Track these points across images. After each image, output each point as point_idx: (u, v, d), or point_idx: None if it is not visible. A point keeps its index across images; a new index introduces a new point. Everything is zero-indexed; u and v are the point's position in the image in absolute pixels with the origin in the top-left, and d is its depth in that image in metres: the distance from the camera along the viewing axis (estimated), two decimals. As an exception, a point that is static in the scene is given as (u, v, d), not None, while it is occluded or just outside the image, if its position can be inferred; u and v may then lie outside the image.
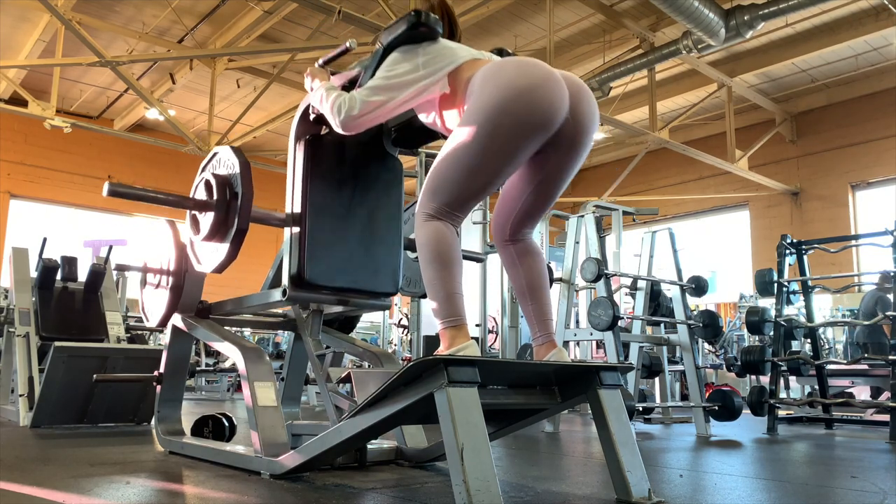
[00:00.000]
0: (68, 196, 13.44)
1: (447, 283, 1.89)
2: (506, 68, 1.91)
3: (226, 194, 2.37)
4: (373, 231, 2.53)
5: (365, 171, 2.54)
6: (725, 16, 8.43)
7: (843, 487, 2.38)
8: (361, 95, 2.06)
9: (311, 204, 2.38)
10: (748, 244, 13.33)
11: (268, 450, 2.25)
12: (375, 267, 2.52)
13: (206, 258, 2.45)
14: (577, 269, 4.60)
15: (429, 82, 2.05)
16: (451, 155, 1.92)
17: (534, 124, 1.86)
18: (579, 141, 1.98)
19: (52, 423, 3.80)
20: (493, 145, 1.86)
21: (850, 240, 6.04)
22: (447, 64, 2.06)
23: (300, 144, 2.43)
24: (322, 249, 2.38)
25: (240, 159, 2.38)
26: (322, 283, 2.38)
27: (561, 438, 3.95)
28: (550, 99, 1.86)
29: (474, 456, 1.54)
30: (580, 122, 1.96)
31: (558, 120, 1.89)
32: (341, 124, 2.08)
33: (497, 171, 1.92)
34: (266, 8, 9.11)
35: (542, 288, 2.11)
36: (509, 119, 1.84)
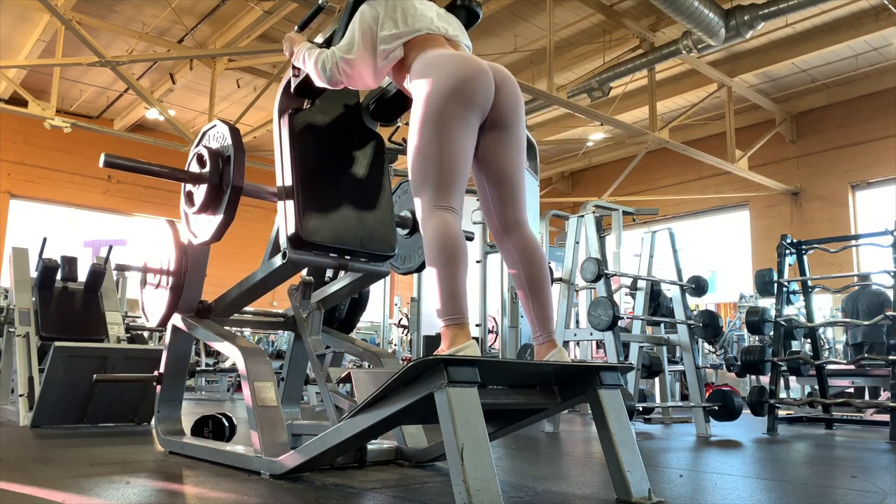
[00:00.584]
0: (68, 196, 13.44)
1: (452, 280, 1.90)
2: (445, 61, 2.07)
3: (218, 164, 2.42)
4: (362, 197, 2.59)
5: (348, 143, 2.63)
6: (725, 16, 8.43)
7: (843, 487, 2.38)
8: (339, 50, 2.19)
9: (301, 174, 2.45)
10: (748, 244, 13.34)
11: (268, 450, 2.25)
12: (369, 229, 2.57)
13: (202, 229, 2.48)
14: (577, 269, 4.60)
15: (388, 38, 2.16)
16: (415, 148, 2.04)
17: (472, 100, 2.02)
18: (509, 118, 2.12)
19: (52, 423, 3.80)
20: (444, 123, 1.99)
21: (850, 240, 6.04)
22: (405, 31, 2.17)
23: (284, 119, 2.51)
24: (316, 213, 2.44)
25: (229, 127, 2.46)
26: (319, 241, 2.42)
27: (561, 438, 3.95)
28: (484, 83, 2.04)
29: (474, 456, 1.54)
30: (505, 102, 2.11)
31: (490, 98, 2.06)
32: (327, 79, 2.23)
33: (455, 144, 2.00)
34: (266, 8, 9.10)
35: (543, 286, 2.11)
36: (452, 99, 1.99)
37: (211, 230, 2.43)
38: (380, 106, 2.66)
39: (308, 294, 2.68)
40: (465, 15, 2.43)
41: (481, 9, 2.51)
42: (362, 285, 2.82)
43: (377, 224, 2.60)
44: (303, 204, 2.41)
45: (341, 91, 2.65)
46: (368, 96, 2.70)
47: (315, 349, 2.55)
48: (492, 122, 2.10)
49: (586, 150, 14.09)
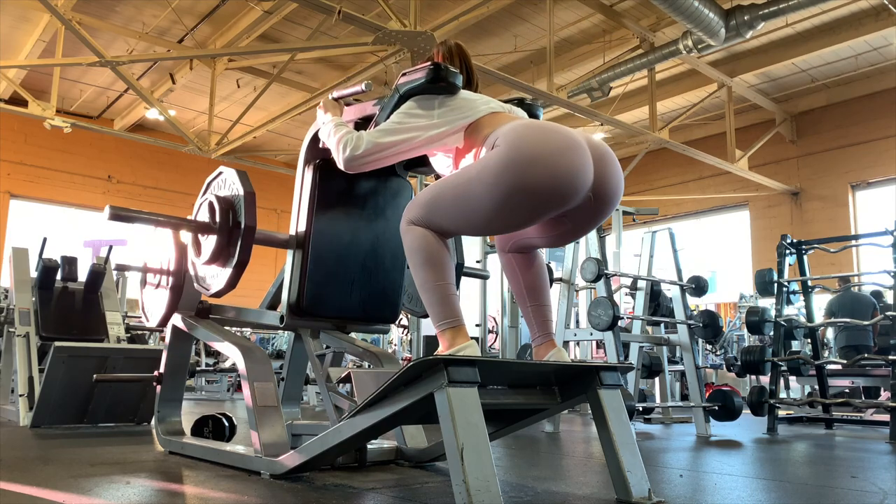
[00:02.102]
0: (68, 196, 13.44)
1: (440, 285, 1.89)
2: (530, 132, 1.83)
3: (228, 220, 2.34)
4: (377, 257, 2.53)
5: (374, 195, 2.53)
6: (725, 16, 8.42)
7: (843, 487, 2.38)
8: (371, 136, 2.02)
9: (316, 229, 2.39)
10: (748, 244, 13.33)
11: (268, 450, 2.25)
12: (376, 295, 2.53)
13: (212, 280, 2.45)
14: (577, 269, 4.60)
15: (442, 132, 2.01)
16: (462, 191, 1.85)
17: (551, 197, 1.79)
18: (601, 211, 1.94)
19: (52, 423, 3.80)
20: (503, 211, 1.81)
21: (850, 240, 6.03)
22: (464, 117, 2.01)
23: (309, 168, 2.43)
24: (322, 277, 2.39)
25: (245, 187, 2.33)
26: (319, 313, 2.41)
27: (561, 438, 3.95)
28: (571, 169, 1.79)
29: (474, 456, 1.54)
30: (604, 193, 1.90)
31: (578, 192, 1.82)
32: (345, 161, 2.05)
33: (500, 228, 1.92)
34: (266, 8, 9.10)
35: (542, 289, 2.12)
36: (525, 189, 1.77)
37: (222, 282, 2.36)
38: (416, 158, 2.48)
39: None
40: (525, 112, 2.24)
41: (542, 111, 2.31)
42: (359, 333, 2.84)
43: (386, 288, 2.54)
44: (311, 265, 2.35)
45: None
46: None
47: (315, 349, 2.55)
48: (579, 207, 1.89)
49: (586, 150, 14.05)
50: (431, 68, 2.01)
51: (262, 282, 8.87)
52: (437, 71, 2.00)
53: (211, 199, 2.38)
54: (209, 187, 2.52)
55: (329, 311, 2.41)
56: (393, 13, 7.12)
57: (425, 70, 2.02)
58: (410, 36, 7.16)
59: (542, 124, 1.89)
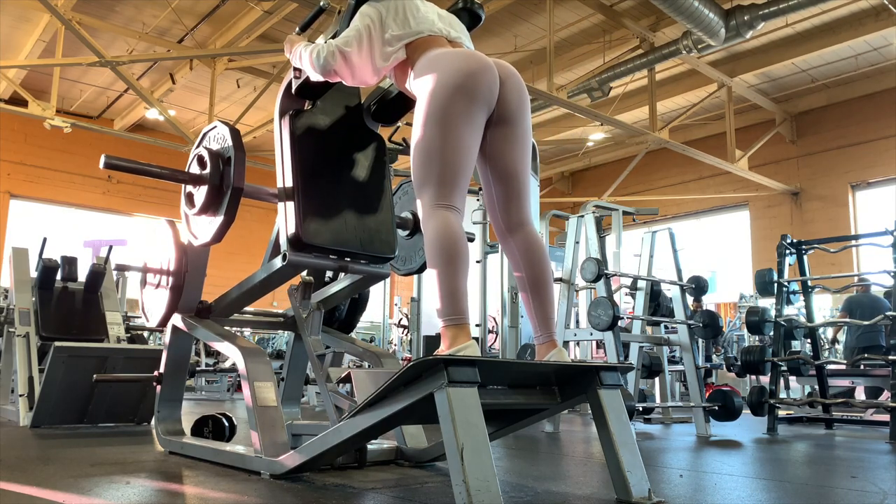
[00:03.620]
0: (68, 196, 13.44)
1: (451, 279, 1.90)
2: (449, 57, 2.07)
3: (218, 164, 2.41)
4: (363, 198, 2.59)
5: (349, 144, 2.63)
6: (725, 16, 8.43)
7: (843, 487, 2.38)
8: (335, 43, 2.21)
9: (302, 175, 2.45)
10: (748, 244, 13.34)
11: (268, 450, 2.25)
12: (370, 231, 2.57)
13: (203, 230, 2.48)
14: (577, 269, 4.60)
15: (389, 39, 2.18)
16: (418, 146, 2.03)
17: (477, 97, 2.01)
18: (514, 115, 2.12)
19: (52, 423, 3.80)
20: (448, 120, 1.99)
21: (850, 240, 6.03)
22: (406, 33, 2.19)
23: (285, 120, 2.51)
24: (317, 215, 2.44)
25: (230, 129, 2.45)
26: (320, 244, 2.42)
27: (561, 438, 3.95)
28: (488, 79, 2.04)
29: (474, 456, 1.54)
30: (510, 99, 2.10)
31: (495, 94, 2.06)
32: (320, 69, 2.23)
33: (459, 143, 2.00)
34: (266, 8, 9.11)
35: (546, 286, 2.11)
36: (457, 96, 1.99)
37: (211, 231, 2.42)
38: (381, 107, 2.66)
39: (308, 294, 2.69)
40: (468, 17, 2.44)
41: (483, 11, 2.52)
42: (363, 286, 2.82)
43: (378, 226, 2.60)
44: (303, 206, 2.41)
45: (342, 92, 2.65)
46: (370, 97, 2.70)
47: (315, 349, 2.55)
48: (497, 118, 2.10)
49: (586, 150, 14.09)
50: None
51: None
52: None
53: (202, 153, 2.45)
54: (204, 139, 2.58)
55: (328, 241, 2.44)
56: (393, 13, 7.12)
57: None
58: (410, 36, 7.15)
59: (455, 50, 2.14)
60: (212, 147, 2.49)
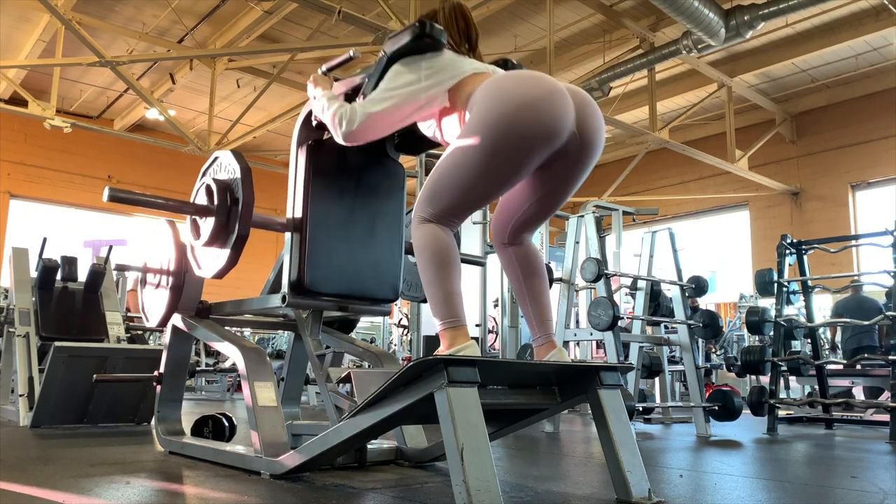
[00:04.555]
0: (68, 196, 13.44)
1: (445, 284, 1.89)
2: (508, 82, 1.88)
3: (226, 199, 2.34)
4: (374, 236, 2.52)
5: (367, 175, 2.53)
6: (725, 16, 8.43)
7: (843, 487, 2.38)
8: (363, 107, 2.04)
9: (313, 209, 2.38)
10: (748, 244, 13.33)
11: (268, 450, 2.25)
12: (376, 273, 2.52)
13: (207, 263, 2.45)
14: (577, 269, 4.60)
15: (431, 94, 2.03)
16: (452, 165, 1.90)
17: (537, 139, 1.83)
18: (585, 156, 1.96)
19: (52, 423, 3.80)
20: (495, 160, 1.84)
21: (850, 240, 6.03)
22: (449, 77, 2.03)
23: (302, 149, 2.43)
24: (322, 255, 2.38)
25: (241, 164, 2.35)
26: (321, 290, 2.39)
27: (561, 438, 3.95)
28: (555, 113, 1.83)
29: (474, 456, 1.54)
30: (586, 136, 1.93)
31: (563, 135, 1.87)
32: (343, 135, 2.07)
33: (497, 184, 1.91)
34: (266, 8, 9.10)
35: (542, 289, 2.11)
36: (513, 133, 1.81)
37: (218, 265, 2.36)
38: (406, 138, 2.54)
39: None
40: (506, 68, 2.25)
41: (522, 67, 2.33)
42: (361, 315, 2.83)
43: (384, 266, 2.54)
44: (309, 244, 2.35)
45: None
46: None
47: (315, 349, 2.55)
48: (563, 153, 1.92)
49: (586, 150, 14.06)
50: (416, 26, 2.03)
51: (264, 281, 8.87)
52: (422, 28, 2.02)
53: (208, 182, 2.39)
54: (206, 173, 2.52)
55: (330, 289, 2.40)
56: (393, 13, 7.13)
57: (409, 29, 2.04)
58: (410, 36, 7.15)
59: (520, 72, 1.95)
60: (220, 177, 2.42)
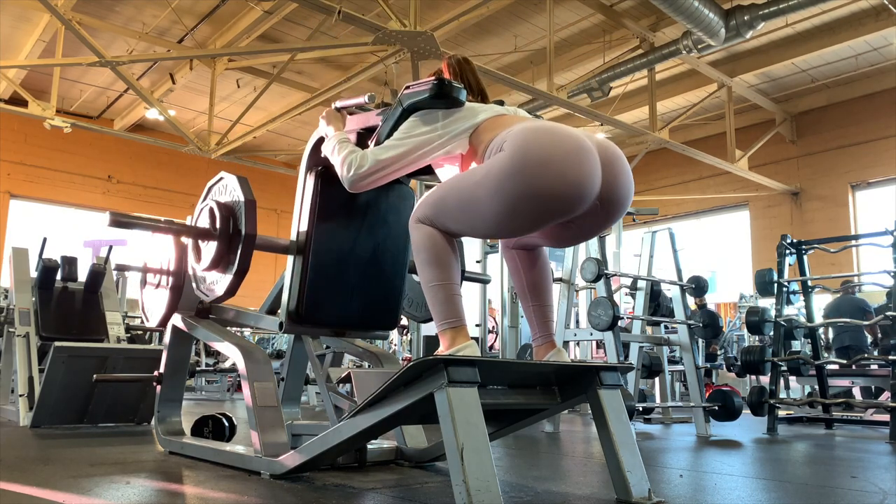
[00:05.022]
0: (68, 196, 13.44)
1: (445, 284, 1.89)
2: (536, 136, 1.77)
3: (229, 227, 2.32)
4: (377, 265, 2.51)
5: (375, 202, 2.51)
6: (725, 16, 8.43)
7: (843, 487, 2.38)
8: (374, 154, 2.02)
9: (317, 235, 2.37)
10: (748, 244, 13.33)
11: (268, 450, 2.25)
12: (376, 303, 2.51)
13: (211, 286, 2.44)
14: (577, 269, 4.60)
15: (447, 141, 2.00)
16: (466, 197, 1.83)
17: (558, 203, 1.75)
18: (611, 214, 1.89)
19: (52, 423, 3.80)
20: (510, 214, 1.78)
21: (850, 240, 6.03)
22: (468, 124, 1.99)
23: (311, 174, 2.42)
24: (323, 283, 2.37)
25: (245, 195, 2.31)
26: (319, 320, 2.40)
27: (561, 438, 3.95)
28: (579, 175, 1.74)
29: (474, 456, 1.54)
30: (613, 197, 1.85)
31: (586, 197, 1.77)
32: (350, 181, 2.04)
33: (504, 234, 1.91)
34: (266, 8, 9.10)
35: (544, 288, 2.11)
36: (531, 196, 1.73)
37: (222, 289, 2.35)
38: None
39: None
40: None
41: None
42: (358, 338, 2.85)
43: (385, 295, 2.53)
44: (311, 272, 2.34)
45: None
46: None
47: (315, 349, 2.56)
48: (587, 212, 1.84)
49: (586, 150, 14.06)
50: (436, 83, 1.97)
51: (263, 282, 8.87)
52: (441, 86, 1.97)
53: (211, 205, 2.36)
54: (210, 192, 2.50)
55: (328, 319, 2.41)
56: (393, 13, 7.12)
57: (429, 85, 1.98)
58: (410, 36, 7.16)
59: (550, 127, 1.83)
60: (221, 200, 2.40)
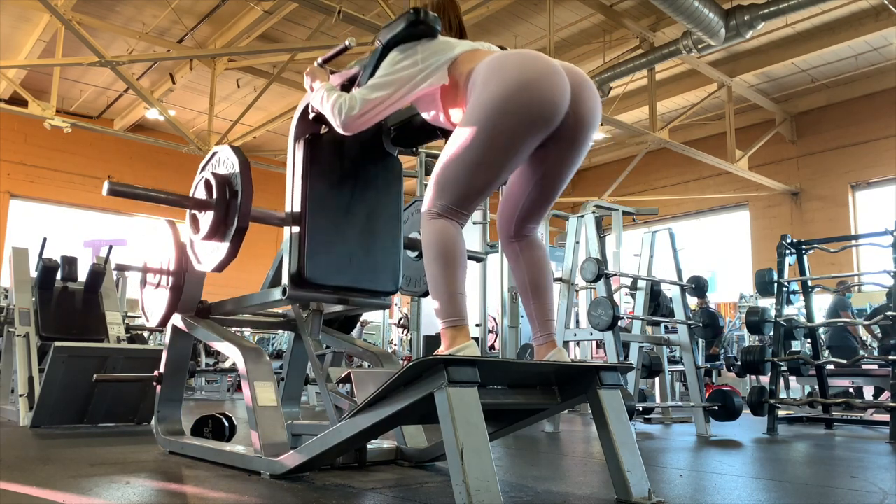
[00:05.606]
0: (68, 196, 13.45)
1: (450, 282, 1.90)
2: (508, 62, 1.91)
3: (225, 193, 2.36)
4: (372, 230, 2.53)
5: (364, 170, 2.54)
6: (725, 16, 8.43)
7: (843, 487, 2.38)
8: (361, 94, 2.08)
9: (311, 203, 2.39)
10: (748, 244, 13.34)
11: (268, 450, 2.25)
12: (375, 266, 2.52)
13: (206, 257, 2.45)
14: (577, 269, 4.60)
15: (428, 74, 2.07)
16: (456, 153, 1.92)
17: (536, 119, 1.86)
18: (581, 135, 1.99)
19: (52, 423, 3.80)
20: (496, 141, 1.87)
21: (850, 240, 6.03)
22: (446, 56, 2.07)
23: (300, 144, 2.44)
24: (322, 248, 2.39)
25: (239, 158, 2.37)
26: (322, 282, 2.39)
27: (561, 438, 3.95)
28: (552, 93, 1.87)
29: (474, 456, 1.54)
30: (582, 116, 1.96)
31: (560, 114, 1.90)
32: (342, 125, 2.10)
33: (501, 165, 1.93)
34: (266, 8, 9.11)
35: (545, 286, 2.11)
36: (511, 114, 1.85)
37: (217, 259, 2.37)
38: (402, 132, 2.56)
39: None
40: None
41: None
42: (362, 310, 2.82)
43: (384, 259, 2.54)
44: (308, 240, 2.35)
45: None
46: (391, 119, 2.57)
47: (315, 349, 2.55)
48: (559, 133, 1.94)
49: (586, 150, 14.07)
50: (410, 13, 2.07)
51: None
52: (416, 14, 2.06)
53: (207, 177, 2.40)
54: (205, 168, 2.53)
55: (330, 280, 2.41)
56: (393, 13, 7.13)
57: (404, 17, 2.08)
58: (410, 36, 7.15)
59: (518, 53, 1.95)
60: (219, 171, 2.43)
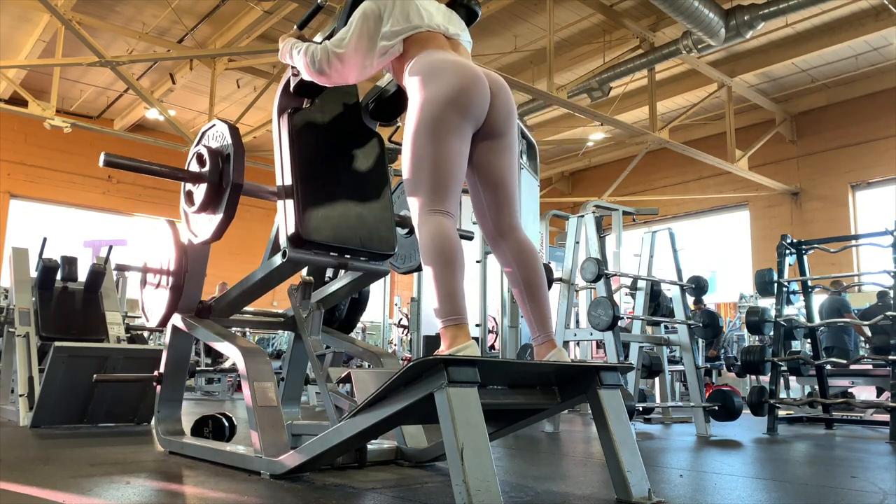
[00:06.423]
0: (68, 196, 13.44)
1: (449, 281, 1.90)
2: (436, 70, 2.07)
3: (218, 163, 2.42)
4: (362, 196, 2.59)
5: (347, 142, 2.64)
6: (725, 16, 8.43)
7: (843, 487, 2.38)
8: (332, 44, 2.18)
9: (301, 173, 2.45)
10: (748, 244, 13.34)
11: (268, 450, 2.25)
12: (369, 228, 2.57)
13: (202, 228, 2.48)
14: (577, 269, 4.60)
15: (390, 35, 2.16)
16: (408, 156, 2.04)
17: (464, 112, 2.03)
18: (500, 126, 2.14)
19: (52, 423, 3.80)
20: (434, 132, 2.00)
21: (850, 240, 6.03)
22: (407, 26, 2.17)
23: (283, 118, 2.51)
24: (317, 212, 2.44)
25: (228, 125, 2.45)
26: (320, 240, 2.43)
27: (561, 438, 3.95)
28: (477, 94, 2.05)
29: (474, 456, 1.54)
30: (498, 108, 2.12)
31: (485, 109, 2.08)
32: (316, 72, 2.21)
33: (447, 156, 2.01)
34: (266, 8, 9.11)
35: (540, 287, 2.12)
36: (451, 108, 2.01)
37: (211, 229, 2.42)
38: (379, 105, 2.67)
39: (308, 294, 2.69)
40: (465, 13, 2.46)
41: (480, 8, 2.54)
42: (362, 284, 2.82)
43: (377, 223, 2.61)
44: (303, 203, 2.41)
45: (341, 91, 2.66)
46: (367, 96, 2.71)
47: (315, 349, 2.55)
48: (485, 130, 2.12)
49: (586, 150, 14.09)
50: None
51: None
52: None
53: (199, 150, 2.45)
54: (203, 137, 2.57)
55: (327, 237, 2.45)
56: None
57: None
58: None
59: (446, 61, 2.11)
60: (211, 145, 2.50)
